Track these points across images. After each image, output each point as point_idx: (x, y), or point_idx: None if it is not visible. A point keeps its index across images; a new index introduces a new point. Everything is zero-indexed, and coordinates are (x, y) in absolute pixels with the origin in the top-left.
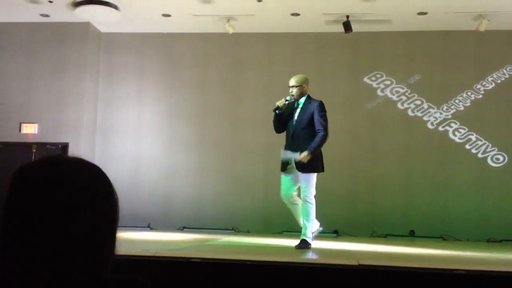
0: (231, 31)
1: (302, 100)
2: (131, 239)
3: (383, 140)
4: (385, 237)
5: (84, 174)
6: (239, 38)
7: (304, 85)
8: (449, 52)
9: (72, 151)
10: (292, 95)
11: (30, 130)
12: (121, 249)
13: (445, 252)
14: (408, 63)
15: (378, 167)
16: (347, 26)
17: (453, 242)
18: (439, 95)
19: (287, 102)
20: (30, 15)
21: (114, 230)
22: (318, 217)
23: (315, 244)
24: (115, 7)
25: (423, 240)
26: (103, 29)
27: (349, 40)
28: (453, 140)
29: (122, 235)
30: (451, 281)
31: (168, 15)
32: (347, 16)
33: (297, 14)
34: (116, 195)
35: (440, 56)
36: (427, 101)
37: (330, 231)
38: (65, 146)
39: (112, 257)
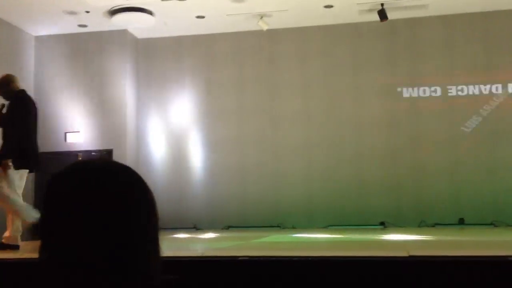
0: (265, 28)
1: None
2: (179, 240)
3: (425, 127)
4: (433, 226)
5: (115, 175)
6: (273, 34)
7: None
8: (491, 33)
9: (117, 157)
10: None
11: (75, 139)
12: (169, 251)
13: (498, 238)
14: (447, 47)
15: (423, 155)
16: (382, 14)
17: (505, 228)
18: (482, 78)
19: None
20: (69, 26)
21: (155, 231)
22: (363, 208)
23: (363, 236)
24: (150, 13)
25: (474, 227)
26: (139, 35)
27: (385, 28)
28: (500, 124)
29: (170, 236)
30: (506, 268)
31: (202, 17)
32: (382, 4)
33: (330, 6)
34: (151, 193)
35: (481, 38)
36: (469, 85)
37: (376, 223)
38: (109, 153)
39: (158, 260)
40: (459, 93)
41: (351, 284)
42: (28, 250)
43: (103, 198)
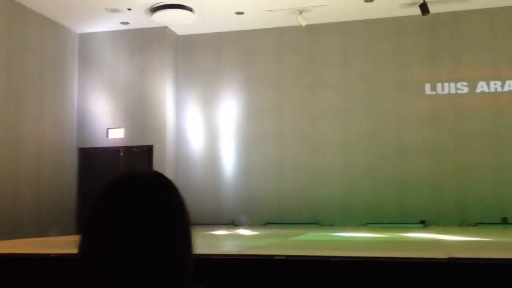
0: (304, 23)
1: None
2: (217, 237)
3: (469, 124)
4: (475, 225)
5: (158, 187)
6: (312, 30)
7: None
8: None
9: (157, 153)
10: None
11: (117, 134)
12: (207, 249)
13: None
14: (491, 41)
15: (466, 153)
16: (424, 8)
17: None
18: None
19: None
20: (111, 24)
21: (188, 239)
22: (403, 206)
23: (402, 235)
24: (190, 10)
25: None
26: (179, 31)
27: (427, 22)
28: None
29: (207, 233)
30: None
31: (241, 13)
32: None
33: (371, 0)
34: (185, 202)
35: None
36: None
37: (416, 221)
38: (150, 149)
39: (190, 266)
40: (505, 88)
41: (387, 286)
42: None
43: (144, 205)
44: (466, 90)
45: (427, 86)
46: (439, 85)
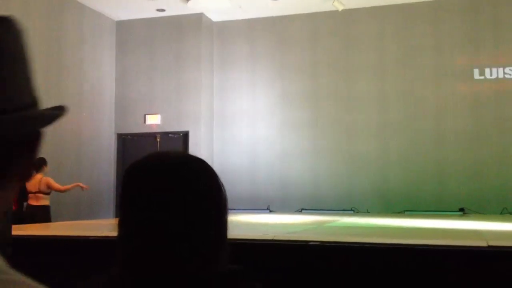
0: (340, 8)
1: None
2: (252, 223)
3: (511, 110)
4: None
5: (190, 168)
6: (348, 15)
7: None
8: None
9: (192, 139)
10: None
11: (153, 120)
12: (241, 233)
13: None
14: None
15: (508, 139)
16: None
17: None
18: None
19: None
20: (147, 11)
21: (223, 222)
22: (442, 193)
23: (440, 222)
24: None
25: None
26: (214, 18)
27: (467, 5)
28: None
29: (243, 218)
30: None
31: None
32: None
33: None
34: (223, 186)
35: None
36: None
37: (455, 209)
38: (186, 134)
39: (225, 249)
40: None
41: (424, 274)
42: (105, 228)
43: (175, 186)
44: (507, 75)
45: (467, 71)
46: (479, 70)
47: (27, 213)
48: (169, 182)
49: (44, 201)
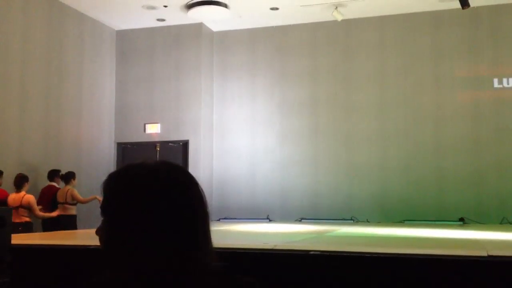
0: (339, 18)
1: None
2: (252, 232)
3: (511, 119)
4: None
5: (166, 173)
6: (348, 25)
7: None
8: None
9: (192, 148)
10: None
11: (153, 129)
12: (241, 242)
13: None
14: None
15: (508, 149)
16: (463, 1)
17: None
18: None
19: None
20: (147, 20)
21: (205, 225)
22: (441, 203)
23: (440, 232)
24: (225, 6)
25: None
26: (214, 28)
27: (467, 16)
28: None
29: (243, 227)
30: None
31: (276, 8)
32: None
33: None
34: (201, 188)
35: None
36: None
37: (455, 219)
38: (185, 143)
39: (210, 247)
40: None
41: (424, 283)
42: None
43: (155, 193)
44: (507, 85)
45: (467, 81)
46: (479, 80)
47: (55, 221)
48: (148, 189)
49: (70, 211)
